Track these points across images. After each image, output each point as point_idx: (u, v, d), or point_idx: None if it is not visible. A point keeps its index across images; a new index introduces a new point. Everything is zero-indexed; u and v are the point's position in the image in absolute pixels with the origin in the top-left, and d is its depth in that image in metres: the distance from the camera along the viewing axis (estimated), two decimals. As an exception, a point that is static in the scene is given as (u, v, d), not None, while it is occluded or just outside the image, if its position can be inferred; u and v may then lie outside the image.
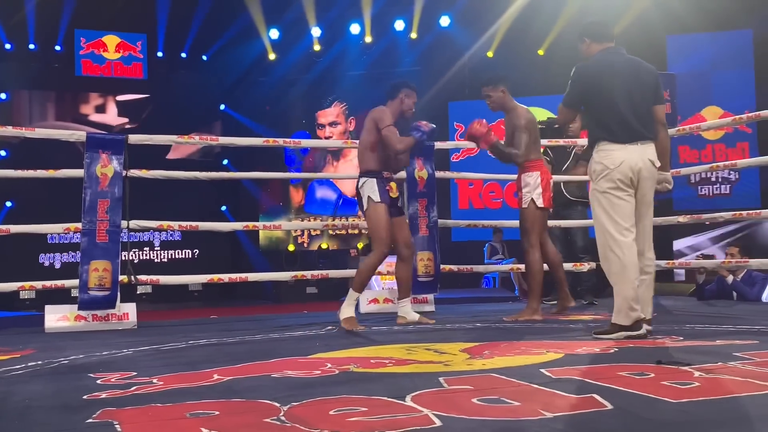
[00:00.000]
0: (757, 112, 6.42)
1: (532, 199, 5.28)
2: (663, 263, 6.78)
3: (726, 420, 1.97)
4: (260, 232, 15.09)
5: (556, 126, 6.73)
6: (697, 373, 2.61)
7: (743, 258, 6.42)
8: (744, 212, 6.59)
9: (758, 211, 6.48)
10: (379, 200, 5.00)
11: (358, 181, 5.14)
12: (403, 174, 6.35)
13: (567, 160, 6.90)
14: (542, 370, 2.78)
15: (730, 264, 6.41)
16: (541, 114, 9.51)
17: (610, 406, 2.12)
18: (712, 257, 9.30)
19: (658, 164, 3.93)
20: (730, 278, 6.68)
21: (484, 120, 5.20)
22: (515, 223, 8.54)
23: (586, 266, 6.55)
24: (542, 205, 5.28)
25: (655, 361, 2.85)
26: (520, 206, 5.37)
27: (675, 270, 10.02)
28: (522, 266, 7.44)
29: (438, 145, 6.68)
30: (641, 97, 3.93)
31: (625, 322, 3.80)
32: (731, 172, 12.10)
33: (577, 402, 2.20)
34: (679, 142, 11.96)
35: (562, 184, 6.73)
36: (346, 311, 4.98)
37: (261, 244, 15.60)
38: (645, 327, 3.82)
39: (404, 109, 5.15)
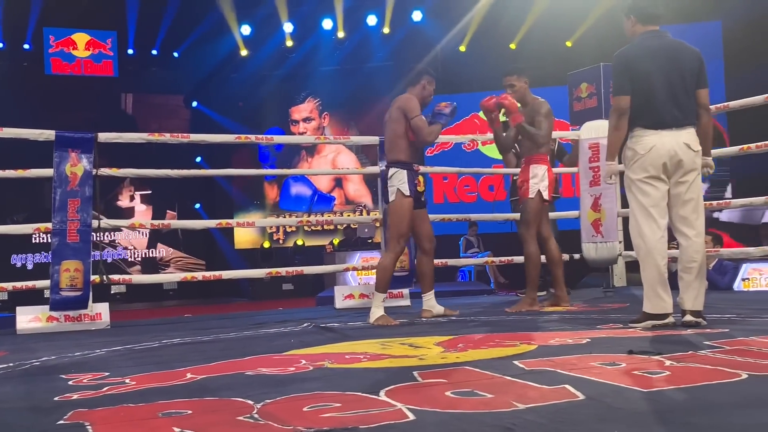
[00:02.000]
0: (725, 103, 6.50)
1: (539, 190, 5.31)
2: (635, 254, 6.84)
3: (695, 408, 1.99)
4: (235, 229, 15.03)
5: None
6: (667, 362, 2.64)
7: (715, 247, 6.49)
8: (714, 202, 6.67)
9: (728, 200, 6.54)
10: (409, 194, 4.93)
11: (387, 171, 5.05)
12: (376, 169, 6.35)
13: (552, 153, 6.95)
14: (515, 362, 2.79)
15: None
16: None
17: (581, 396, 2.13)
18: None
19: (697, 149, 3.85)
20: (712, 265, 6.72)
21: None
22: (490, 216, 8.64)
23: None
24: (547, 198, 5.35)
25: (626, 351, 2.87)
26: (525, 196, 5.36)
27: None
28: (496, 259, 7.52)
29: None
30: (681, 82, 3.86)
31: (653, 311, 3.78)
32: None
33: (549, 393, 2.22)
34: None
35: None
36: (376, 313, 4.85)
37: (236, 242, 15.54)
38: (690, 317, 3.77)
39: (425, 95, 5.09)
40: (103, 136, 5.55)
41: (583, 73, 7.46)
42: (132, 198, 15.25)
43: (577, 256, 6.78)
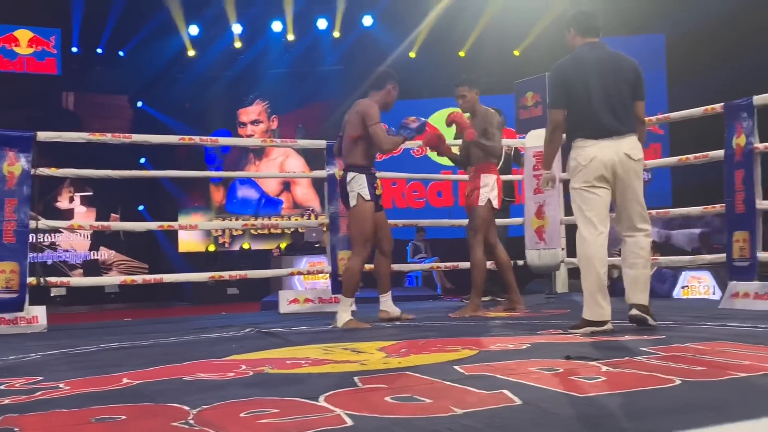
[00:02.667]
0: (667, 114, 6.64)
1: (489, 199, 5.39)
2: (577, 260, 6.94)
3: (630, 413, 2.02)
4: (179, 232, 14.82)
5: None
6: (604, 368, 2.68)
7: (654, 256, 6.62)
8: (654, 211, 6.79)
9: (667, 210, 6.69)
10: (369, 198, 4.93)
11: (345, 175, 5.02)
12: (323, 173, 6.34)
13: (500, 160, 7.01)
14: (456, 367, 2.80)
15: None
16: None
17: (519, 401, 2.15)
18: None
19: (637, 157, 3.93)
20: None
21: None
22: (438, 222, 8.69)
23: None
24: (496, 207, 5.43)
25: (564, 357, 2.91)
26: (474, 204, 5.42)
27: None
28: (443, 265, 7.56)
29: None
30: (618, 92, 3.93)
31: (591, 317, 3.83)
32: (644, 172, 12.48)
33: (487, 398, 2.23)
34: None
35: None
36: (343, 317, 4.84)
37: (180, 245, 15.33)
38: (636, 311, 3.87)
39: (389, 100, 5.07)
40: (43, 135, 5.42)
41: (529, 82, 7.56)
42: (72, 199, 14.93)
43: (521, 262, 6.86)
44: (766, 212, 5.27)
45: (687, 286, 7.89)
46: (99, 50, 14.50)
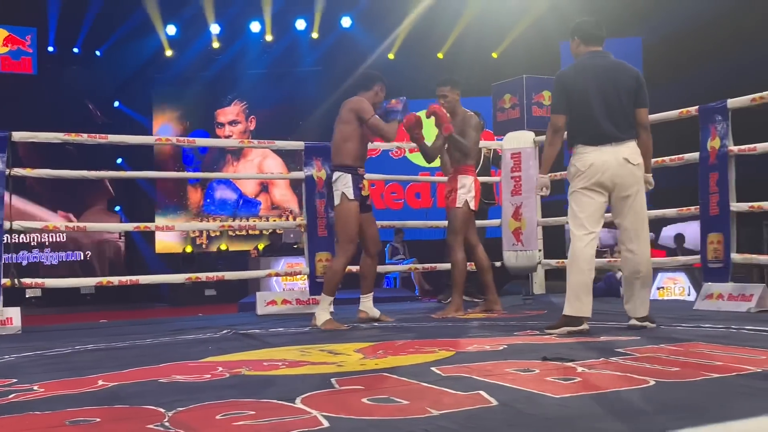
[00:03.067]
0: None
1: (466, 200, 5.41)
2: (554, 262, 7.00)
3: (604, 414, 2.03)
4: (156, 233, 14.72)
5: None
6: (579, 369, 2.70)
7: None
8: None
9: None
10: (353, 198, 4.92)
11: (331, 175, 5.04)
12: (300, 174, 6.32)
13: (479, 162, 7.03)
14: (433, 368, 2.81)
15: (618, 262, 6.64)
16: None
17: (495, 402, 2.16)
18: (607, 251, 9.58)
19: (636, 162, 3.99)
20: (618, 275, 6.92)
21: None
22: (416, 223, 8.70)
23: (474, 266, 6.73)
24: (473, 208, 5.46)
25: (540, 358, 2.92)
26: (452, 205, 5.44)
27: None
28: (421, 266, 7.57)
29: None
30: (617, 100, 4.01)
31: (571, 313, 3.91)
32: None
33: (463, 399, 2.24)
34: (565, 144, 12.36)
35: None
36: (322, 316, 4.84)
37: (157, 246, 15.23)
38: (636, 322, 4.00)
39: (377, 102, 5.07)
40: (18, 135, 5.37)
41: (507, 84, 7.60)
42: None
43: (498, 263, 6.88)
44: (740, 214, 5.32)
45: (663, 287, 7.95)
46: (75, 50, 14.35)
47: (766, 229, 8.22)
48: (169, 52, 14.54)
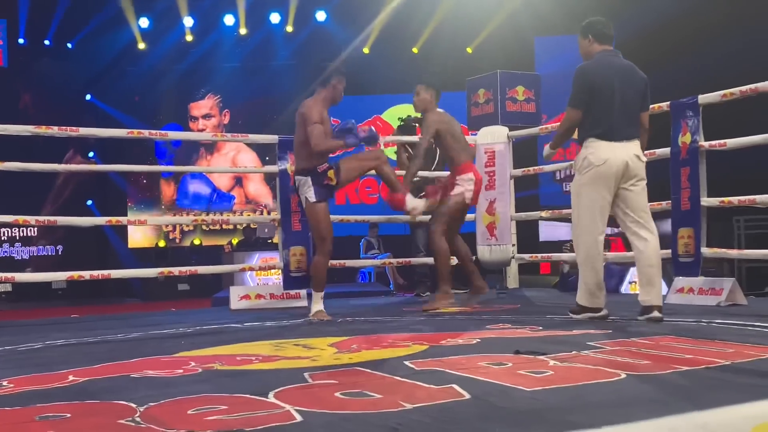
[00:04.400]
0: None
1: (463, 192, 5.43)
2: (527, 256, 7.04)
3: (575, 407, 2.05)
4: (129, 227, 14.59)
5: (415, 124, 6.95)
6: (551, 362, 2.72)
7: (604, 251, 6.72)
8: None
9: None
10: (316, 200, 4.94)
11: (295, 181, 5.09)
12: (274, 168, 6.30)
13: (434, 159, 7.05)
14: (406, 362, 2.81)
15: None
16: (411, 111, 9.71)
17: (467, 396, 2.17)
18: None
19: (644, 159, 4.21)
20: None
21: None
22: (391, 218, 8.70)
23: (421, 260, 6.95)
24: (468, 202, 5.52)
25: (513, 351, 2.94)
26: (448, 194, 5.44)
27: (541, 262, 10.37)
28: (395, 261, 7.58)
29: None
30: (632, 100, 4.19)
31: (588, 304, 4.20)
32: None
33: (436, 392, 2.24)
34: (544, 140, 12.42)
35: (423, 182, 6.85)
36: (315, 307, 5.06)
37: (130, 240, 15.09)
38: (657, 313, 4.08)
39: (336, 95, 5.08)
40: (-13, 128, 5.29)
41: (481, 79, 7.62)
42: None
43: (472, 258, 6.90)
44: (711, 209, 5.38)
45: (634, 281, 8.02)
46: (47, 42, 14.14)
47: (736, 224, 8.31)
48: (141, 45, 14.39)
